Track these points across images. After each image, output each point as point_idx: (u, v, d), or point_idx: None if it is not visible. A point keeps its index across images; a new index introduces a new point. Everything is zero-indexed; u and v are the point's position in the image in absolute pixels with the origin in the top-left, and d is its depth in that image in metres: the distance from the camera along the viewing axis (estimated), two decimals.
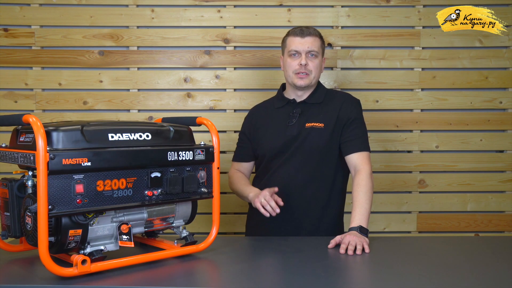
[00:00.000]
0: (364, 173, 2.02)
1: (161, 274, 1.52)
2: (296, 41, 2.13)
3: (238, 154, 2.33)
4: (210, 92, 2.89)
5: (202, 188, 1.67)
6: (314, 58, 2.14)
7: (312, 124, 2.12)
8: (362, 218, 1.90)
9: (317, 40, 2.15)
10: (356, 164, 2.07)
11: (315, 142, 2.11)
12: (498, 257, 1.73)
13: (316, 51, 2.13)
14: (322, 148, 2.11)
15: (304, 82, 2.13)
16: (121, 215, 1.55)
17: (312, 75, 2.14)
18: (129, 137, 1.52)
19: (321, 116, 2.14)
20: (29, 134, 1.45)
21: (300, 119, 2.15)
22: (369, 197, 1.98)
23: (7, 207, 1.53)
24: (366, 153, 2.10)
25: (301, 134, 2.12)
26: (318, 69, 2.16)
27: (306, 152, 2.12)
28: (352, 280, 1.54)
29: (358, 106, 2.20)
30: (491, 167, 2.91)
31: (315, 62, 2.14)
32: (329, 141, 2.11)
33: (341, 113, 2.13)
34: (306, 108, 2.18)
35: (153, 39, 2.85)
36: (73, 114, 2.84)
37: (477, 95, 2.90)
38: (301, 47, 2.12)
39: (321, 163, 2.12)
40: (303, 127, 2.13)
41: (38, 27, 2.82)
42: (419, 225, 2.92)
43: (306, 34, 2.13)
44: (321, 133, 2.11)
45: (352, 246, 1.74)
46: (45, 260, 1.34)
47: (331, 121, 2.12)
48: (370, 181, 2.01)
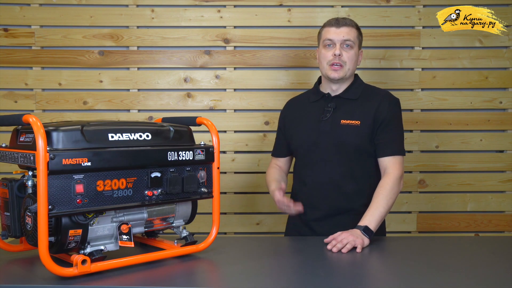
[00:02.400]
0: (391, 176, 1.97)
1: (161, 274, 1.52)
2: (331, 31, 2.06)
3: (275, 149, 2.31)
4: (210, 92, 2.89)
5: (202, 188, 1.67)
6: (350, 49, 2.05)
7: (348, 121, 2.04)
8: (372, 220, 1.86)
9: (353, 31, 2.07)
10: (387, 167, 2.01)
11: (351, 139, 2.03)
12: (498, 257, 1.73)
13: (351, 41, 2.04)
14: (357, 146, 2.03)
15: (338, 74, 2.04)
16: (121, 215, 1.55)
17: (347, 66, 2.05)
18: (129, 137, 1.52)
19: (358, 113, 2.05)
20: (29, 134, 1.45)
21: (335, 114, 2.07)
22: (388, 201, 1.93)
23: (7, 207, 1.53)
24: (399, 157, 2.02)
25: (335, 130, 2.05)
26: (354, 61, 2.07)
27: (342, 149, 2.04)
28: (352, 280, 1.54)
29: (396, 106, 2.11)
30: (491, 167, 2.91)
31: (350, 53, 2.05)
32: (365, 139, 2.03)
33: (378, 112, 2.04)
34: (341, 103, 2.09)
35: (153, 39, 2.86)
36: (73, 114, 2.84)
37: (477, 95, 2.90)
38: (336, 36, 2.04)
39: (358, 161, 2.05)
40: (337, 123, 2.05)
41: (38, 27, 2.82)
42: (419, 225, 2.92)
43: (342, 24, 2.05)
44: (358, 131, 2.03)
45: (342, 244, 1.73)
46: (45, 260, 1.34)
47: (368, 119, 2.03)
48: (395, 186, 1.95)
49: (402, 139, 2.09)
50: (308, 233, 2.10)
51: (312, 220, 2.09)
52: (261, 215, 2.90)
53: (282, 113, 2.29)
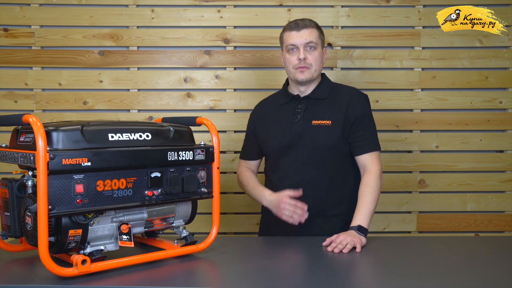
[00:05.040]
0: (373, 173, 2.00)
1: (161, 274, 1.52)
2: (292, 35, 2.07)
3: (245, 152, 2.29)
4: (210, 92, 2.89)
5: (202, 188, 1.67)
6: (313, 50, 2.07)
7: (320, 121, 2.06)
8: (364, 218, 1.89)
9: (314, 31, 2.08)
10: (366, 164, 2.03)
11: (323, 140, 2.04)
12: (498, 257, 1.73)
13: (314, 42, 2.06)
14: (330, 146, 2.04)
15: (305, 76, 2.06)
16: (121, 215, 1.55)
17: (313, 68, 2.07)
18: (129, 137, 1.52)
19: (328, 113, 2.07)
20: (29, 134, 1.45)
21: (305, 115, 2.09)
22: (375, 198, 1.95)
23: (7, 207, 1.53)
24: (376, 153, 2.05)
25: (307, 132, 2.06)
26: (319, 61, 2.09)
27: (314, 150, 2.05)
28: (352, 280, 1.54)
29: (366, 102, 2.13)
30: (491, 167, 2.91)
31: (315, 55, 2.07)
32: (337, 139, 2.04)
33: (348, 110, 2.06)
34: (311, 104, 2.11)
35: (153, 39, 2.86)
36: (73, 114, 2.84)
37: (477, 95, 2.90)
38: (298, 40, 2.05)
39: (331, 161, 2.06)
40: (309, 124, 2.07)
41: (38, 27, 2.82)
42: (419, 225, 2.92)
43: (301, 27, 2.06)
44: (329, 131, 2.04)
45: (342, 245, 1.73)
46: (45, 260, 1.34)
47: (339, 118, 2.05)
48: (378, 182, 1.98)
49: (376, 135, 2.11)
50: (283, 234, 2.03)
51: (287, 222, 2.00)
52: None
53: (252, 116, 2.29)
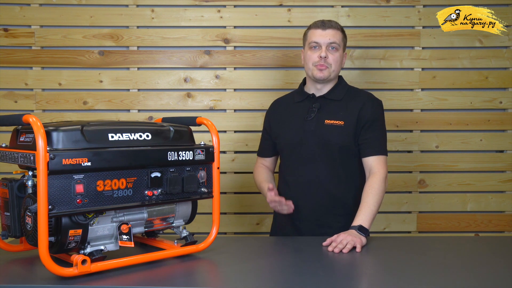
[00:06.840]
0: (378, 176, 2.01)
1: (161, 274, 1.52)
2: (317, 33, 2.10)
3: (261, 149, 2.35)
4: (210, 92, 2.89)
5: (202, 188, 1.67)
6: (335, 51, 2.10)
7: (332, 121, 2.08)
8: (365, 218, 1.90)
9: (339, 33, 2.11)
10: (372, 167, 2.05)
11: (334, 139, 2.06)
12: (498, 257, 1.73)
13: (337, 43, 2.09)
14: (341, 145, 2.07)
15: (324, 74, 2.09)
16: (121, 215, 1.55)
17: (332, 68, 2.10)
18: (129, 137, 1.52)
19: (341, 113, 2.09)
20: (29, 134, 1.45)
21: (319, 114, 2.11)
22: (378, 200, 1.97)
23: (7, 207, 1.53)
24: (382, 157, 2.07)
25: (319, 130, 2.08)
26: (338, 63, 2.12)
27: (326, 149, 2.08)
28: (352, 280, 1.54)
29: (379, 108, 2.15)
30: (491, 167, 2.91)
31: (336, 55, 2.10)
32: (349, 139, 2.07)
33: (361, 113, 2.08)
34: (326, 104, 2.14)
35: (153, 39, 2.86)
36: (73, 114, 2.84)
37: (477, 95, 2.90)
38: (322, 39, 2.09)
39: (342, 161, 2.09)
40: (322, 122, 2.09)
41: (38, 27, 2.82)
42: (419, 225, 2.92)
43: (327, 27, 2.09)
44: (341, 130, 2.07)
45: (342, 245, 1.74)
46: (45, 260, 1.34)
47: (352, 120, 2.08)
48: (382, 184, 2.00)
49: (385, 140, 2.13)
50: (293, 233, 2.12)
51: (297, 219, 2.12)
52: (261, 215, 2.90)
53: (267, 114, 2.33)
